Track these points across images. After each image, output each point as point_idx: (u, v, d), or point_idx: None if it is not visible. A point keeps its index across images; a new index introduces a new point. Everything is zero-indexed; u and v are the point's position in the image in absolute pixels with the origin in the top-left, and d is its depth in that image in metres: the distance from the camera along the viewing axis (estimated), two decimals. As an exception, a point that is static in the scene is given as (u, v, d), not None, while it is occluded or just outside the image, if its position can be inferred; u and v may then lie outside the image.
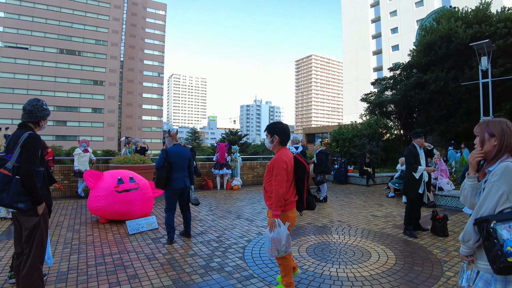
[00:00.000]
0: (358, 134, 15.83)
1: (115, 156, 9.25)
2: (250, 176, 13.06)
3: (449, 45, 15.61)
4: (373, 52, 53.68)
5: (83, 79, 60.44)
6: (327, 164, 9.03)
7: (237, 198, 9.62)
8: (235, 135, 28.63)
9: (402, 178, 9.94)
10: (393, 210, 7.97)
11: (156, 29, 75.63)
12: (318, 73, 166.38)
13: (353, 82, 55.72)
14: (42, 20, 57.08)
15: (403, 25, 47.14)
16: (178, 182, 5.19)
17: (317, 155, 9.22)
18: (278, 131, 3.37)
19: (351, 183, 13.68)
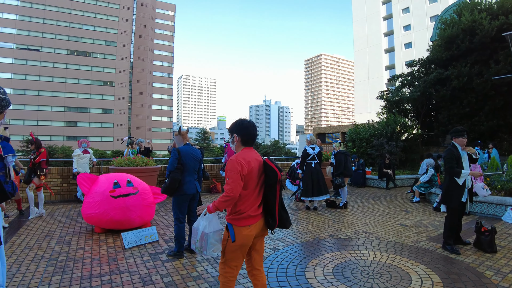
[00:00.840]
0: (376, 133, 14.92)
1: (115, 158, 8.58)
2: None
3: (473, 38, 14.59)
4: (385, 50, 52.62)
5: (93, 80, 61.08)
6: (346, 166, 8.24)
7: None
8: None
9: (429, 182, 9.09)
10: (423, 218, 7.13)
11: (165, 29, 75.84)
12: (328, 73, 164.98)
13: (364, 81, 54.71)
14: (53, 22, 57.85)
15: (416, 22, 45.98)
16: (189, 186, 4.56)
17: (335, 156, 8.47)
18: (238, 128, 2.78)
19: (369, 186, 12.81)
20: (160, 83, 74.30)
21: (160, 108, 73.97)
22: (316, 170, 7.79)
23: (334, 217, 7.19)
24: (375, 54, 53.51)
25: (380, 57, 52.90)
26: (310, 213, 7.60)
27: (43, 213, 7.25)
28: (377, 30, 53.43)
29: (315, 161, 7.81)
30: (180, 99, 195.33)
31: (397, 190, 11.74)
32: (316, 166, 7.84)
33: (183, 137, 4.85)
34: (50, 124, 57.47)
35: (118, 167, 7.86)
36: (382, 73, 51.78)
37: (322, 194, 7.72)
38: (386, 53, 52.56)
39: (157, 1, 74.77)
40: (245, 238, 2.62)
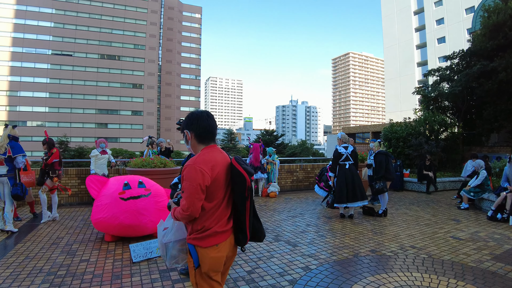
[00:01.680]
0: (413, 132, 13.77)
1: (133, 158, 8.05)
2: (289, 181, 11.46)
3: (524, 25, 13.17)
4: (416, 46, 50.42)
5: (123, 83, 62.51)
6: (388, 168, 7.23)
7: (274, 208, 8.05)
8: (271, 135, 27.10)
9: (480, 187, 7.99)
10: (478, 230, 6.10)
11: (192, 32, 76.53)
12: (357, 71, 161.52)
13: (395, 79, 52.75)
14: (84, 28, 59.65)
15: (450, 15, 43.57)
16: None
17: (375, 157, 7.53)
18: (188, 122, 2.12)
19: (407, 190, 11.71)
20: (188, 85, 75.18)
21: (188, 109, 74.19)
22: (350, 172, 6.82)
23: (373, 227, 6.30)
24: (406, 50, 51.49)
25: (411, 53, 50.82)
26: (345, 222, 6.70)
27: (56, 217, 6.82)
28: (408, 25, 51.35)
29: (349, 161, 6.87)
30: (208, 101, 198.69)
31: (439, 195, 10.62)
32: (351, 167, 6.86)
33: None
34: (82, 126, 59.23)
35: (135, 169, 7.32)
36: (414, 70, 49.78)
37: (358, 199, 6.73)
38: (417, 49, 50.40)
39: (183, 4, 75.63)
40: (213, 262, 2.01)
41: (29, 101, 55.92)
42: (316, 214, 7.31)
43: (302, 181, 11.67)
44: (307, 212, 7.49)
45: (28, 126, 55.29)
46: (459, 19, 42.22)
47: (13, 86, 55.47)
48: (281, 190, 10.78)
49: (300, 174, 11.63)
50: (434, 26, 46.17)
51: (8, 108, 55.32)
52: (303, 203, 8.82)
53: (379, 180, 7.19)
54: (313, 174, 11.75)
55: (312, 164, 12.15)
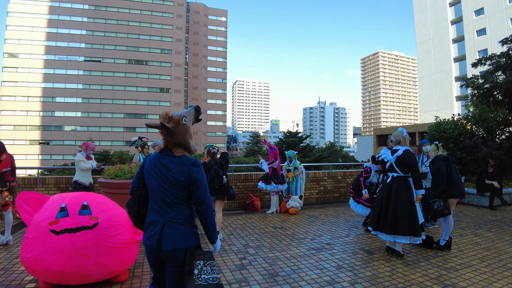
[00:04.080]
0: (466, 131, 11.41)
1: (107, 166, 6.34)
2: (314, 192, 9.38)
3: None
4: (453, 40, 46.90)
5: (150, 87, 63.50)
6: (452, 179, 4.98)
7: (293, 234, 6.01)
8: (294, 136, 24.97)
9: None
10: None
11: (218, 35, 76.70)
12: (386, 71, 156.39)
13: (430, 76, 49.44)
14: (112, 34, 61.07)
15: (491, 4, 40.03)
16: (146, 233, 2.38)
17: (431, 164, 5.31)
18: None
19: (462, 203, 9.33)
20: (214, 89, 75.23)
21: (215, 113, 74.67)
22: (392, 191, 4.66)
23: (437, 271, 4.17)
24: (441, 45, 48.07)
25: (447, 48, 47.32)
26: (393, 262, 4.50)
27: (9, 241, 5.29)
28: (443, 18, 47.92)
29: (394, 173, 4.71)
30: (235, 104, 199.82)
31: (508, 211, 8.25)
32: (396, 183, 4.66)
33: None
34: (111, 130, 60.14)
35: (107, 180, 5.59)
36: (450, 65, 46.37)
37: (400, 233, 4.49)
38: (454, 43, 46.88)
39: (209, 8, 75.76)
40: None
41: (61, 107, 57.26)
42: (351, 246, 5.26)
43: (331, 192, 9.61)
44: (338, 241, 5.47)
45: (61, 131, 56.84)
46: (501, 7, 38.81)
47: (46, 92, 57.36)
48: (304, 203, 8.78)
49: (328, 183, 9.56)
50: (472, 17, 42.77)
51: (42, 113, 56.91)
52: (332, 224, 6.79)
53: (438, 197, 4.98)
54: (344, 184, 9.70)
55: (343, 171, 10.01)
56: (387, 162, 4.81)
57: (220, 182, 5.36)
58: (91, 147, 6.68)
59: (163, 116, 2.30)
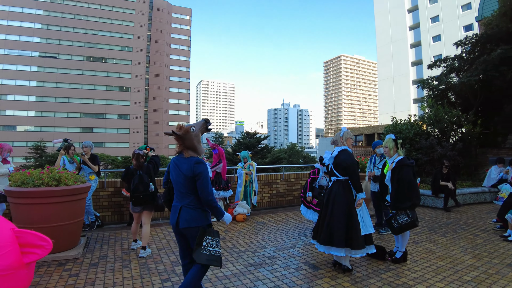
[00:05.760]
0: (422, 132, 11.36)
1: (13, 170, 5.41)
2: (266, 195, 8.76)
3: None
4: (411, 45, 48.81)
5: (109, 86, 60.74)
6: (417, 189, 4.47)
7: (235, 243, 5.44)
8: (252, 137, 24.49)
9: None
10: None
11: (182, 34, 74.75)
12: (348, 74, 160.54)
13: (389, 79, 51.13)
14: (69, 29, 57.55)
15: (446, 12, 42.12)
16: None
17: (396, 171, 4.50)
18: None
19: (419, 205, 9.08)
20: (177, 88, 73.17)
21: (177, 113, 72.69)
22: (332, 195, 4.17)
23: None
24: (400, 49, 49.87)
25: (405, 52, 49.17)
26: (340, 278, 4.00)
27: None
28: (402, 24, 49.78)
29: (334, 177, 4.22)
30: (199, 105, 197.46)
31: (463, 213, 8.11)
32: (335, 187, 4.18)
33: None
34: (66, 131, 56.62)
35: (12, 189, 4.63)
36: (408, 69, 48.17)
37: (334, 244, 3.97)
38: (412, 48, 48.77)
39: (173, 6, 73.76)
40: None
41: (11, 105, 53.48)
42: (296, 259, 4.67)
43: (284, 195, 9.03)
44: (281, 254, 4.88)
45: (11, 131, 52.94)
46: (455, 16, 40.83)
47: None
48: (256, 208, 8.22)
49: (281, 186, 8.97)
50: (429, 24, 44.67)
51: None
52: (280, 232, 6.20)
53: (405, 210, 4.37)
54: (298, 186, 9.14)
55: (297, 173, 9.47)
56: (328, 165, 4.30)
57: (145, 191, 4.64)
58: (6, 149, 5.76)
59: (177, 126, 3.07)
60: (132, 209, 4.90)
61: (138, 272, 4.13)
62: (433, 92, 14.16)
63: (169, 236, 5.89)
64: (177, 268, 4.32)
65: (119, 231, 6.21)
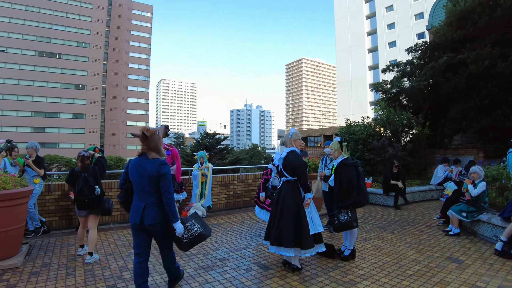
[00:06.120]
0: (374, 133, 11.80)
1: None
2: (223, 197, 8.68)
3: (494, 12, 11.65)
4: (368, 49, 50.75)
5: (64, 83, 57.43)
6: (361, 189, 4.54)
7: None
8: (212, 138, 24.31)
9: (475, 204, 5.79)
10: (500, 283, 3.81)
11: (142, 31, 72.25)
12: (309, 77, 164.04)
13: (347, 82, 52.82)
14: (19, 21, 53.64)
15: (401, 20, 44.41)
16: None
17: (338, 170, 4.64)
18: None
19: (371, 203, 9.46)
20: (136, 87, 70.42)
21: (136, 112, 70.11)
22: (281, 196, 4.18)
23: (334, 287, 3.77)
24: (357, 54, 51.69)
25: (363, 57, 51.04)
26: (288, 277, 4.05)
27: None
28: (360, 29, 51.65)
29: (283, 177, 4.27)
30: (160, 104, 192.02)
31: (411, 210, 8.49)
32: (284, 187, 4.20)
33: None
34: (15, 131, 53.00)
35: None
36: (366, 73, 50.01)
37: (283, 244, 3.98)
38: (369, 52, 50.73)
39: (133, 2, 71.18)
40: None
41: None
42: (247, 260, 4.65)
43: (241, 196, 9.00)
44: (233, 255, 4.84)
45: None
46: (409, 24, 43.03)
47: None
48: (212, 209, 8.13)
49: (238, 187, 8.92)
50: (385, 30, 46.69)
51: None
52: (234, 233, 6.16)
53: (347, 208, 4.48)
54: (255, 187, 9.16)
55: (255, 173, 9.45)
56: (278, 165, 4.33)
57: (91, 194, 4.43)
58: None
59: (144, 128, 3.24)
60: (77, 213, 4.71)
61: (83, 279, 3.92)
62: (386, 95, 14.81)
63: (119, 240, 5.65)
64: (124, 273, 4.14)
65: (67, 236, 5.88)
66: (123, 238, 5.80)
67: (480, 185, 5.71)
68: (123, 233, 6.17)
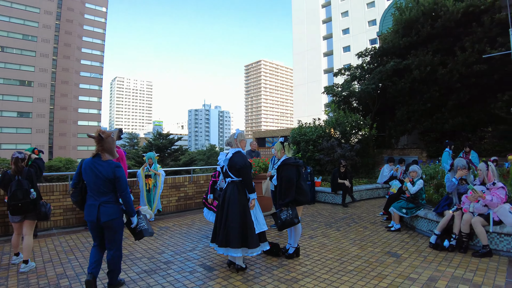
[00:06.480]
0: (324, 134, 12.17)
1: None
2: (173, 199, 8.45)
3: (435, 22, 12.53)
4: (324, 53, 52.31)
5: (7, 79, 53.06)
6: (300, 186, 4.61)
7: (131, 250, 5.25)
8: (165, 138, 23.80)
9: (413, 201, 6.15)
10: (432, 274, 4.04)
11: (96, 26, 68.69)
12: (268, 78, 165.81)
13: (303, 85, 54.05)
14: None
15: (355, 26, 46.28)
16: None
17: (280, 170, 4.70)
18: None
19: (320, 202, 9.73)
20: (88, 84, 66.83)
21: (88, 111, 66.63)
22: (227, 197, 4.18)
23: (276, 285, 3.81)
24: (314, 57, 53.07)
25: (319, 60, 52.50)
26: (232, 278, 4.03)
27: None
28: (317, 33, 53.04)
29: (228, 178, 4.26)
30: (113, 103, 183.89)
31: (357, 207, 8.81)
32: (229, 188, 4.20)
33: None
34: (-52, 130, 48.84)
35: None
36: (321, 76, 51.45)
37: (231, 245, 3.98)
38: (324, 56, 52.29)
39: (87, -5, 67.66)
40: None
41: None
42: (192, 262, 4.58)
43: (193, 197, 8.86)
44: (178, 258, 4.74)
45: None
46: (362, 30, 44.80)
47: None
48: (162, 212, 7.94)
49: (190, 188, 8.77)
50: (340, 35, 48.30)
51: None
52: (182, 236, 6.04)
53: (287, 206, 4.53)
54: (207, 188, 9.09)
55: (207, 174, 9.35)
56: (223, 167, 4.32)
57: (25, 198, 4.18)
58: None
59: (99, 130, 3.42)
60: (11, 219, 4.42)
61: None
62: (337, 98, 15.35)
63: (60, 246, 5.35)
64: (62, 281, 3.92)
65: (2, 244, 5.47)
66: (65, 244, 5.50)
67: (418, 183, 6.09)
68: (65, 238, 5.85)
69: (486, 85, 11.97)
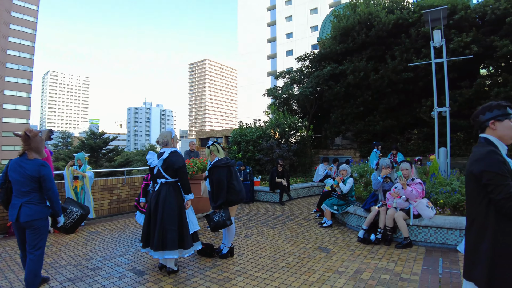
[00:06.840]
0: (264, 135, 12.42)
1: None
2: (105, 202, 8.00)
3: (369, 31, 13.36)
4: (268, 56, 53.38)
5: None
6: (232, 187, 4.58)
7: (56, 257, 4.91)
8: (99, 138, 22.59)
9: (344, 198, 6.53)
10: (358, 267, 4.27)
11: (26, 14, 62.85)
12: (213, 78, 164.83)
13: (247, 86, 54.64)
14: None
15: (298, 30, 47.71)
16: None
17: (209, 172, 4.66)
18: None
19: (259, 201, 9.91)
20: (16, 78, 60.90)
21: (15, 107, 60.74)
22: (161, 199, 4.01)
23: (208, 286, 3.77)
24: (258, 59, 53.94)
25: (263, 62, 53.48)
26: (163, 281, 3.88)
27: None
28: (261, 36, 53.92)
29: (162, 179, 4.08)
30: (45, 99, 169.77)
31: (294, 205, 9.08)
32: (163, 190, 4.03)
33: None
34: None
35: None
36: (264, 78, 52.38)
37: (168, 248, 3.86)
38: (268, 59, 53.36)
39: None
40: None
41: None
42: (122, 267, 4.38)
43: (127, 200, 8.47)
44: (108, 263, 4.51)
45: None
46: (305, 35, 46.28)
47: None
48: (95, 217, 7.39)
49: (123, 191, 8.37)
50: (284, 39, 49.48)
51: None
52: (113, 240, 5.75)
53: (219, 207, 4.53)
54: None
55: (142, 176, 9.02)
56: (154, 167, 4.16)
57: None
58: None
59: (26, 129, 3.42)
60: None
61: None
62: (278, 100, 15.75)
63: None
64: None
65: None
66: (8, 248, 5.06)
67: (349, 181, 6.43)
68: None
69: (412, 91, 13.06)
